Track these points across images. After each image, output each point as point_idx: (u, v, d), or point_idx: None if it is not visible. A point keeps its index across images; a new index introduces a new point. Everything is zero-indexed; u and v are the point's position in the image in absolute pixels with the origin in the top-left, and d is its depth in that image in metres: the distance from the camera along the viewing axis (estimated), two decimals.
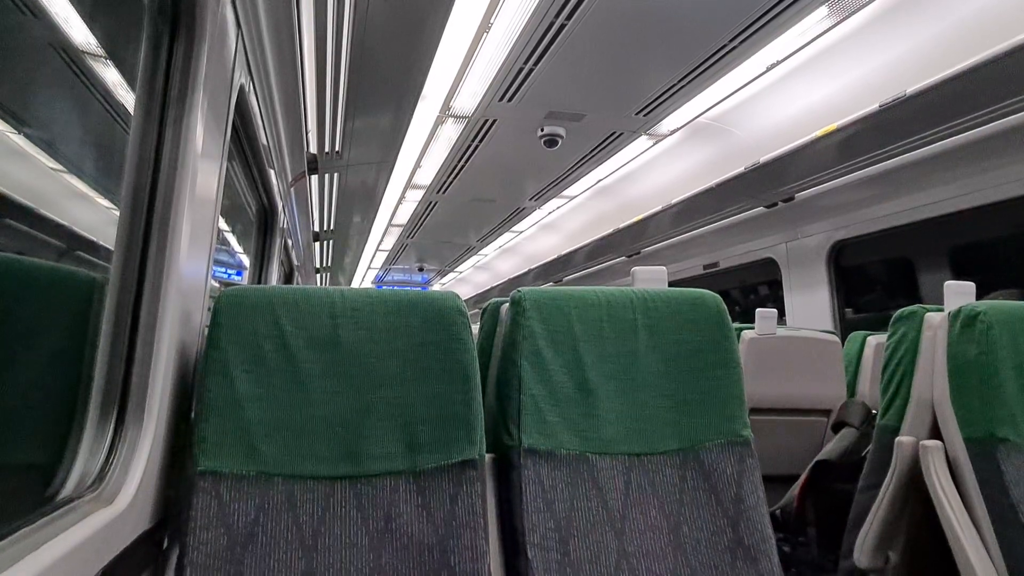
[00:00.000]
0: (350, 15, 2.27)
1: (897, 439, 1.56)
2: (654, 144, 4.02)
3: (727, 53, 2.74)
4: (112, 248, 1.03)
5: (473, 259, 8.96)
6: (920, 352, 1.61)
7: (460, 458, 1.16)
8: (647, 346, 1.36)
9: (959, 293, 1.61)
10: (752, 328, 2.76)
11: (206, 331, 1.15)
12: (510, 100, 3.32)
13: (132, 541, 0.91)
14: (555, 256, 7.05)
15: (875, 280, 4.11)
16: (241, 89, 1.58)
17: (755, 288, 5.23)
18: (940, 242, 3.39)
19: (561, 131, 3.73)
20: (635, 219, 5.03)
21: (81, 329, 1.00)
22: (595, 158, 4.27)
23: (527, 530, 1.17)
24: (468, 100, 3.37)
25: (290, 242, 4.26)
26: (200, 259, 1.24)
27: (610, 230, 5.52)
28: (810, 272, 4.20)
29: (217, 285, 3.66)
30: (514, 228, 6.78)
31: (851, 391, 2.90)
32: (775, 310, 2.79)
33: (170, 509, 1.07)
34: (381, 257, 8.83)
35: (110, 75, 1.18)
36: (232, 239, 4.20)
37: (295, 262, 5.06)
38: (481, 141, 3.97)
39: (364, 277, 10.64)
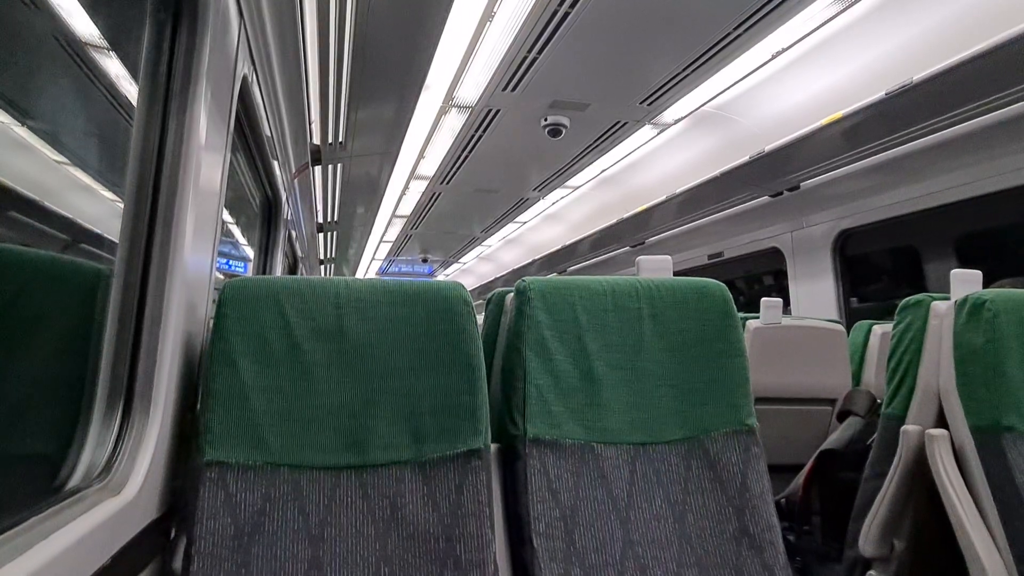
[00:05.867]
0: (352, 5, 2.26)
1: (903, 428, 1.56)
2: (658, 133, 4.00)
3: (732, 41, 2.72)
4: (117, 240, 1.03)
5: (477, 250, 8.96)
6: (926, 341, 1.60)
7: (465, 448, 1.16)
8: (652, 335, 1.35)
9: (965, 281, 1.61)
10: (757, 317, 2.76)
11: (211, 322, 1.15)
12: (513, 90, 3.30)
13: (139, 531, 0.91)
14: (559, 246, 7.04)
15: (881, 269, 4.10)
16: (244, 80, 1.57)
17: (760, 277, 5.22)
18: (946, 231, 3.37)
19: (565, 121, 3.71)
20: (639, 209, 5.01)
21: (87, 321, 1.00)
22: (599, 148, 4.25)
23: (532, 519, 1.17)
24: (471, 90, 3.35)
25: (294, 233, 4.27)
26: (204, 251, 1.24)
27: (614, 220, 5.51)
28: (815, 261, 4.18)
29: (222, 277, 3.67)
30: (518, 219, 6.77)
31: (856, 380, 2.90)
32: (780, 299, 2.78)
33: (177, 499, 1.08)
34: (385, 248, 8.83)
35: (113, 66, 1.18)
36: (236, 231, 4.21)
37: (299, 253, 5.07)
38: (485, 131, 3.95)
39: (368, 268, 10.65)
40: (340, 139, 3.69)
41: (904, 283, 3.84)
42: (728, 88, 3.28)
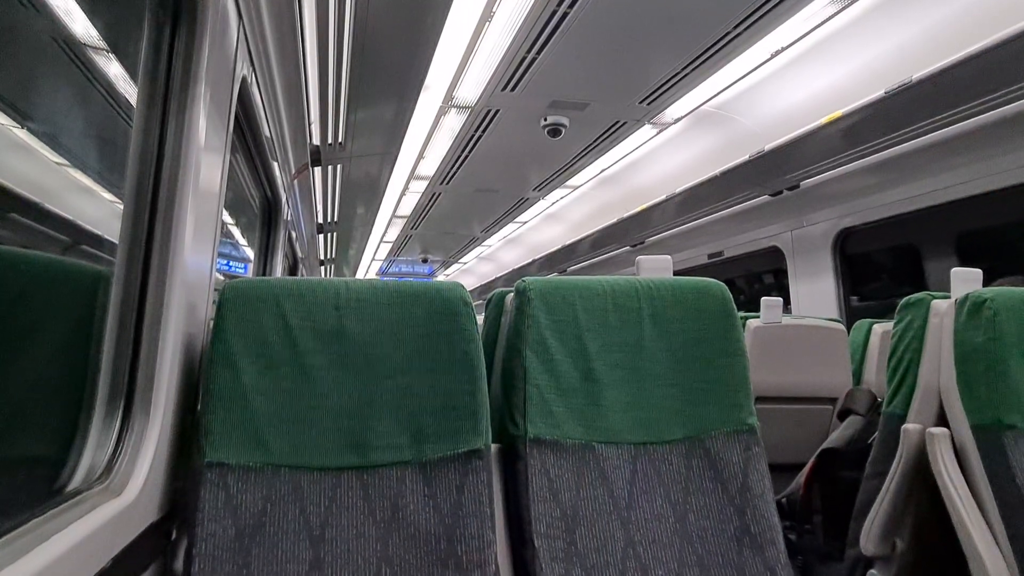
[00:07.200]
0: (352, 5, 2.25)
1: (904, 427, 1.56)
2: (658, 133, 4.00)
3: (732, 40, 2.72)
4: (116, 242, 1.03)
5: (477, 250, 8.96)
6: (927, 339, 1.60)
7: (466, 448, 1.16)
8: (652, 335, 1.35)
9: (966, 280, 1.60)
10: (757, 317, 2.76)
11: (211, 324, 1.15)
12: (513, 89, 3.30)
13: (140, 532, 0.91)
14: (559, 246, 7.04)
15: (881, 268, 4.10)
16: (243, 81, 1.57)
17: (760, 276, 5.22)
18: (946, 229, 3.37)
19: (564, 120, 3.71)
20: (639, 208, 5.01)
21: (87, 323, 1.00)
22: (599, 147, 4.25)
23: (533, 519, 1.17)
24: (471, 90, 3.35)
25: (294, 234, 4.27)
26: (204, 252, 1.24)
27: (614, 219, 5.51)
28: (815, 260, 4.18)
29: (222, 278, 3.67)
30: (518, 219, 6.77)
31: (857, 379, 2.90)
32: (780, 299, 2.78)
33: (178, 501, 1.08)
34: (385, 249, 8.83)
35: (112, 68, 1.18)
36: (236, 232, 4.21)
37: (299, 254, 5.07)
38: (484, 131, 3.95)
39: (368, 269, 10.65)
40: (340, 140, 3.69)
41: (904, 282, 3.83)
42: (728, 87, 3.28)
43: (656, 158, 4.42)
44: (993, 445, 1.36)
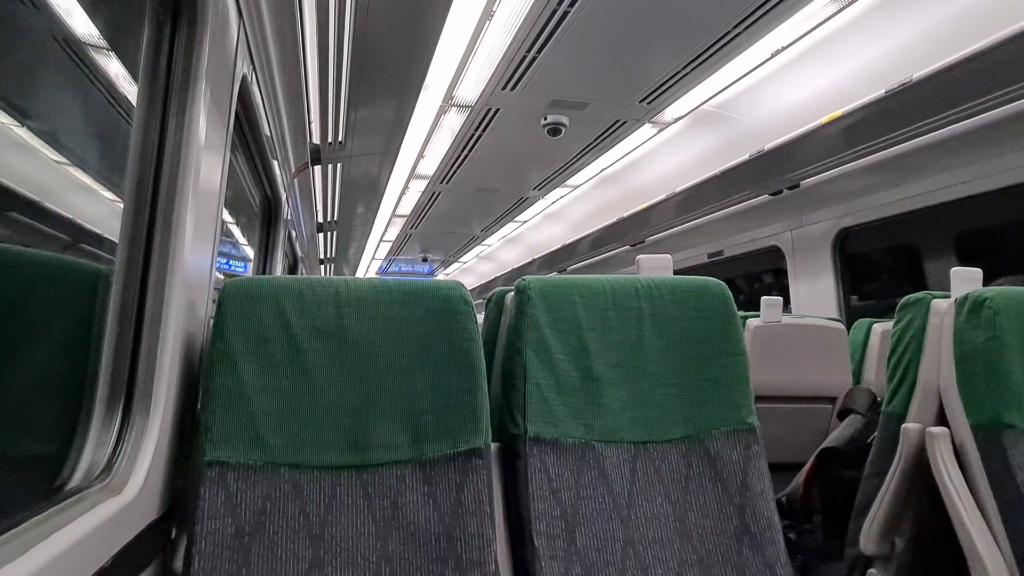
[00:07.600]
0: (352, 4, 2.25)
1: (903, 426, 1.56)
2: (658, 132, 4.00)
3: (732, 39, 2.72)
4: (117, 240, 1.03)
5: (477, 249, 8.95)
6: (926, 339, 1.60)
7: (466, 447, 1.16)
8: (652, 334, 1.35)
9: (966, 279, 1.61)
10: (757, 316, 2.76)
11: (211, 322, 1.15)
12: (513, 88, 3.30)
13: (140, 531, 0.91)
14: (559, 245, 7.04)
15: (881, 267, 4.10)
16: (244, 79, 1.57)
17: (760, 276, 5.22)
18: (946, 229, 3.37)
19: (564, 120, 3.71)
20: (639, 208, 5.00)
21: (87, 321, 1.00)
22: (599, 147, 4.25)
23: (533, 518, 1.17)
24: (471, 89, 3.35)
25: (294, 233, 4.26)
26: (204, 250, 1.24)
27: (614, 219, 5.50)
28: (815, 260, 4.18)
29: (222, 277, 3.66)
30: (518, 218, 6.76)
31: (857, 379, 2.90)
32: (780, 298, 2.78)
33: (178, 499, 1.08)
34: (385, 248, 8.83)
35: (112, 66, 1.18)
36: (236, 231, 4.20)
37: (299, 253, 5.07)
38: (484, 130, 3.95)
39: (368, 268, 10.64)
40: (340, 139, 3.69)
41: (904, 281, 3.83)
42: (728, 87, 3.28)
43: (656, 158, 4.42)
44: (993, 445, 1.36)
